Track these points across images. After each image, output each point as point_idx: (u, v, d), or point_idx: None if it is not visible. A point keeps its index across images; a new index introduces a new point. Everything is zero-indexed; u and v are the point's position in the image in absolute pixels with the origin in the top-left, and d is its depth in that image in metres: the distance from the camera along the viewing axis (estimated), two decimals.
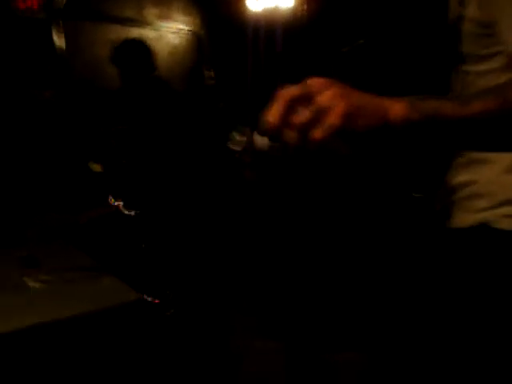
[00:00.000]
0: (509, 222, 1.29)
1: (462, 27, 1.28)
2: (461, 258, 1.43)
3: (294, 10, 4.18)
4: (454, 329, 1.47)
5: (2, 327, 1.44)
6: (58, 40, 3.71)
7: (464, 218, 1.40)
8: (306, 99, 0.78)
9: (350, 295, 2.77)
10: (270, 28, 4.41)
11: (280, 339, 3.13)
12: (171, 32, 4.54)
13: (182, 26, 4.62)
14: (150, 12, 4.38)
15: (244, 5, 4.33)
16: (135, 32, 4.18)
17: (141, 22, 4.29)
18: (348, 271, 2.76)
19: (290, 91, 0.79)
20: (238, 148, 3.46)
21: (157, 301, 2.77)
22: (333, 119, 0.76)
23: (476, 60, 1.28)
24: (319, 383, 2.75)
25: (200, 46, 4.69)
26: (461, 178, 1.41)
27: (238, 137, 3.05)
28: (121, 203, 2.96)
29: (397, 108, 0.82)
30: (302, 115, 0.78)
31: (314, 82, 0.80)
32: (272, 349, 3.07)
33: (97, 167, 3.02)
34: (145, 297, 1.94)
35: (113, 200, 2.97)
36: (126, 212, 2.95)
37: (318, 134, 0.76)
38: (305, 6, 4.12)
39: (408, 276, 2.29)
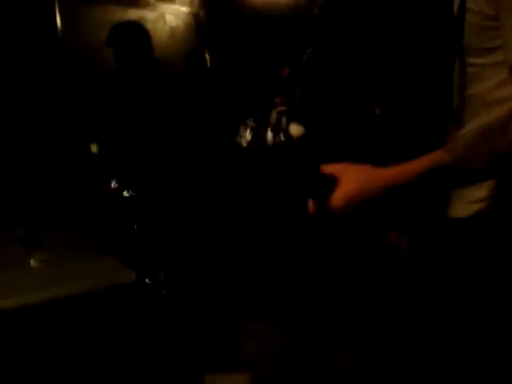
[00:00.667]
0: None
1: (468, 19, 1.28)
2: (460, 248, 1.48)
3: None
4: (449, 318, 1.52)
5: (2, 304, 1.49)
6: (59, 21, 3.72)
7: (463, 208, 1.45)
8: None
9: (344, 280, 2.83)
10: (271, 9, 4.41)
11: (278, 323, 3.20)
12: (170, 13, 4.54)
13: (181, 7, 4.62)
14: None
15: None
16: (134, 13, 4.19)
17: (140, 3, 4.29)
18: (341, 257, 2.82)
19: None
20: (244, 142, 3.53)
21: (149, 281, 2.84)
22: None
23: (480, 52, 1.29)
24: (315, 365, 2.82)
25: (199, 27, 4.69)
26: None
27: (245, 131, 3.11)
28: (117, 184, 3.01)
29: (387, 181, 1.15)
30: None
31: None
32: (271, 332, 3.15)
33: (93, 148, 3.06)
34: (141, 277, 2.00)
35: (109, 181, 3.02)
36: (122, 193, 3.00)
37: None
38: None
39: (405, 263, 2.37)
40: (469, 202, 1.48)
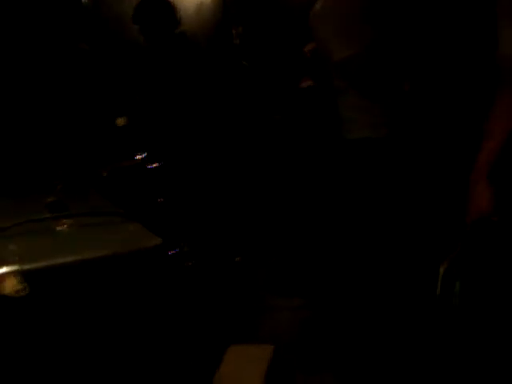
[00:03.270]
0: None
1: None
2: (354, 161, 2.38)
3: None
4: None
5: (29, 266, 1.52)
6: None
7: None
8: None
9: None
10: None
11: (302, 296, 3.21)
12: None
13: None
14: None
15: None
16: None
17: None
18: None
19: None
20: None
21: (174, 252, 2.86)
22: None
23: None
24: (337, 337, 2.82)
25: (226, 2, 4.64)
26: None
27: None
28: (143, 156, 3.03)
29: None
30: None
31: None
32: (294, 305, 3.16)
33: (121, 121, 3.08)
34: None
35: (136, 153, 3.04)
36: (148, 165, 3.03)
37: None
38: None
39: None
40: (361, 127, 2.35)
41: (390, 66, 2.42)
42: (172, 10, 3.34)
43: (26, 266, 1.50)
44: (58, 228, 1.81)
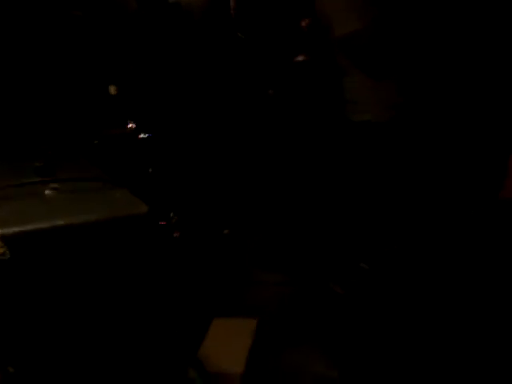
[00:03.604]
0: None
1: None
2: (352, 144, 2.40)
3: None
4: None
5: (12, 229, 1.50)
6: None
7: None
8: None
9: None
10: None
11: (285, 272, 3.23)
12: None
13: None
14: None
15: None
16: None
17: None
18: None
19: None
20: None
21: (162, 222, 2.86)
22: None
23: None
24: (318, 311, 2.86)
25: None
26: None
27: None
28: (134, 126, 3.01)
29: None
30: None
31: None
32: (277, 280, 3.18)
33: (113, 89, 3.05)
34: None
35: (126, 122, 3.02)
36: (139, 135, 3.01)
37: None
38: None
39: None
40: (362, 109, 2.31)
41: (394, 43, 2.31)
42: None
43: (8, 230, 1.47)
44: (46, 192, 1.79)
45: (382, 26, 2.24)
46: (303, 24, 3.51)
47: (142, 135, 3.00)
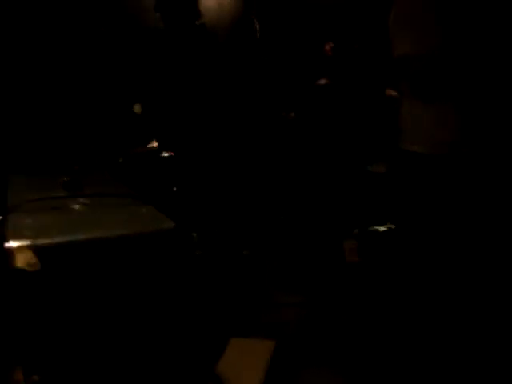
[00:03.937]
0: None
1: None
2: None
3: None
4: None
5: (43, 241, 1.53)
6: None
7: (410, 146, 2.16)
8: None
9: None
10: None
11: (306, 294, 3.22)
12: None
13: None
14: None
15: None
16: None
17: None
18: None
19: None
20: None
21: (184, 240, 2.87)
22: None
23: None
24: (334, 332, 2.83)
25: None
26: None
27: None
28: (157, 144, 3.05)
29: None
30: None
31: None
32: (298, 302, 3.17)
33: (138, 107, 3.10)
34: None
35: (150, 141, 3.06)
36: (162, 153, 3.04)
37: None
38: None
39: None
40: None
41: (457, 70, 2.02)
42: (194, 0, 3.35)
43: (40, 241, 1.51)
44: (73, 206, 1.83)
45: (447, 50, 1.99)
46: (327, 47, 3.54)
47: (164, 154, 3.04)
